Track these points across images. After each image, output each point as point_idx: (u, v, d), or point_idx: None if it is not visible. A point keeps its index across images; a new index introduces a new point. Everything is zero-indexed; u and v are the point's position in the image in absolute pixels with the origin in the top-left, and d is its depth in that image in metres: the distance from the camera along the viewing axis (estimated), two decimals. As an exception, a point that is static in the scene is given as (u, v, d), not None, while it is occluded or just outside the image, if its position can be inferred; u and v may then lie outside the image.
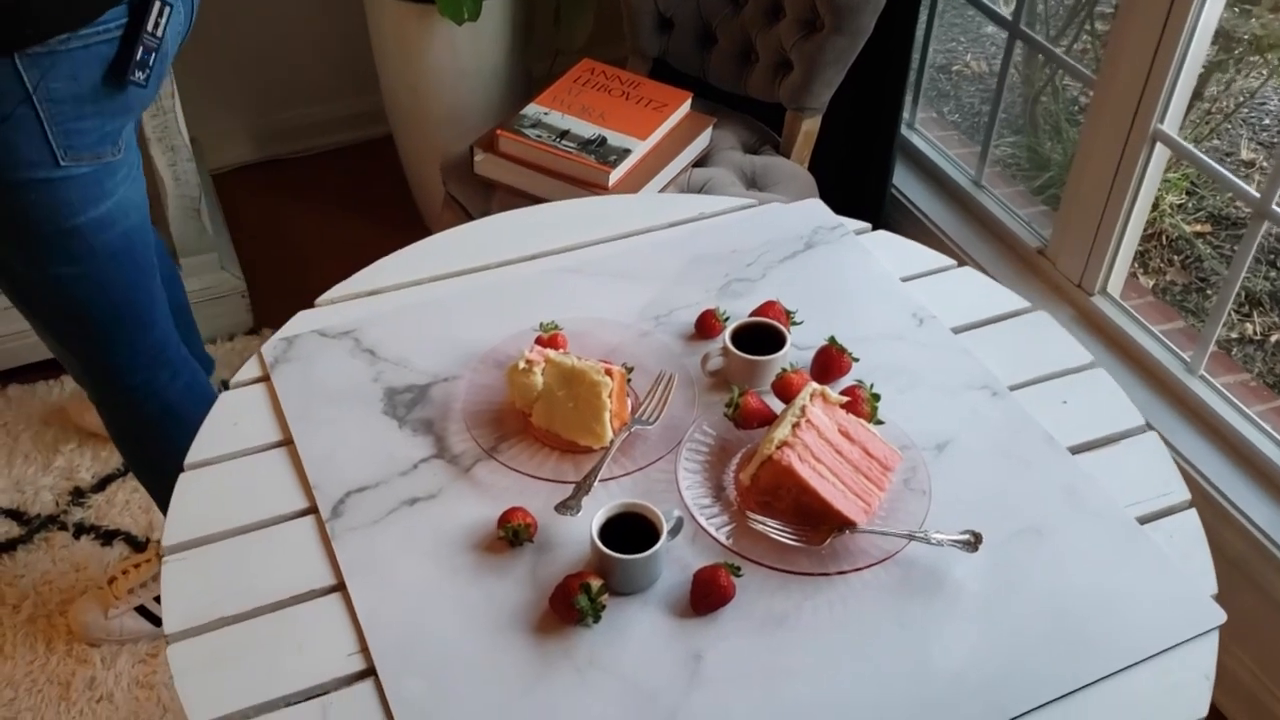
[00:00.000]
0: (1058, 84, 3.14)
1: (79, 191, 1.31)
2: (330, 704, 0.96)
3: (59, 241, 1.34)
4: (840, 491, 1.05)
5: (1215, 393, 1.84)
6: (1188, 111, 1.89)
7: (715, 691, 0.96)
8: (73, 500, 2.13)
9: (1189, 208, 3.11)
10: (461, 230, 1.42)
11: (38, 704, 1.83)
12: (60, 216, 1.32)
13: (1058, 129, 3.12)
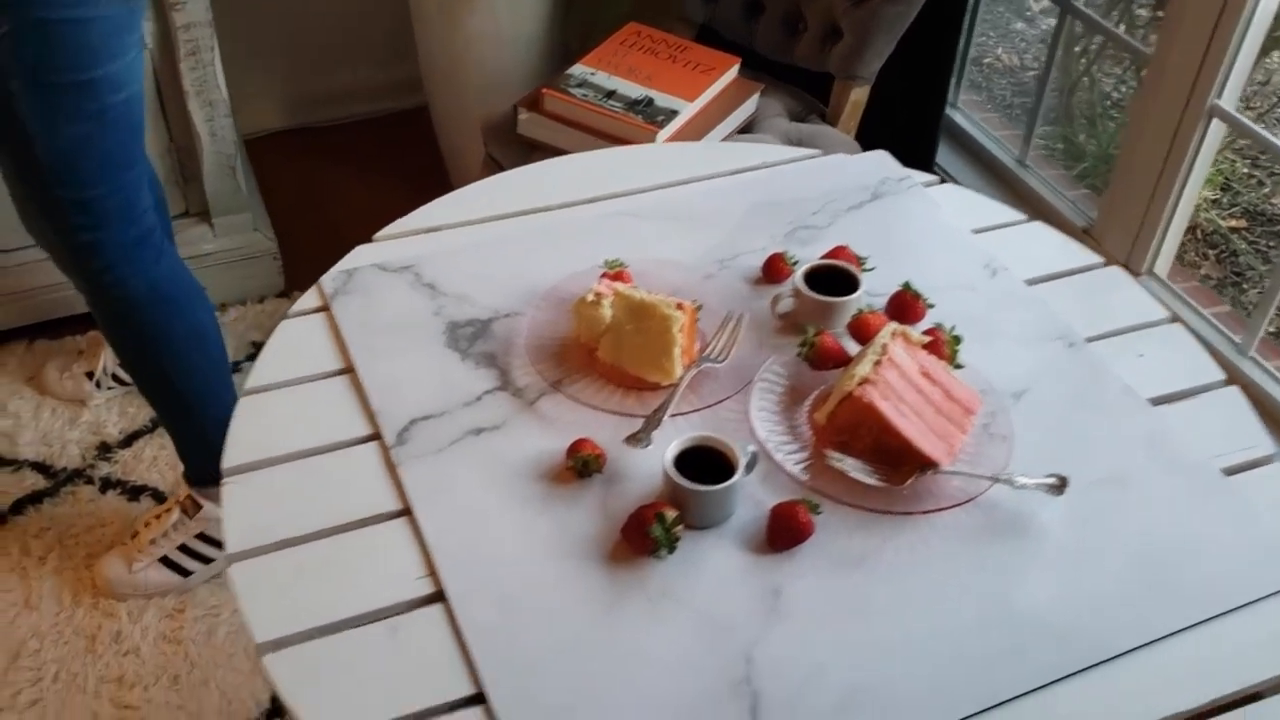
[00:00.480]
0: (1094, 75, 3.12)
1: (104, 37, 1.32)
2: (398, 626, 0.93)
3: (75, 94, 1.34)
4: (923, 431, 1.02)
5: (1267, 374, 1.81)
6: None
7: (795, 626, 0.94)
8: (99, 455, 2.10)
9: (1224, 203, 3.08)
10: (517, 172, 1.40)
11: (64, 655, 1.80)
12: (83, 64, 1.32)
13: (1093, 120, 3.09)
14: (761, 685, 0.89)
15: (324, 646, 0.91)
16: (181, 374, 1.70)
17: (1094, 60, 3.06)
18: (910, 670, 0.91)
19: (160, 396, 1.75)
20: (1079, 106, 3.14)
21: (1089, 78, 3.09)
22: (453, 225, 1.31)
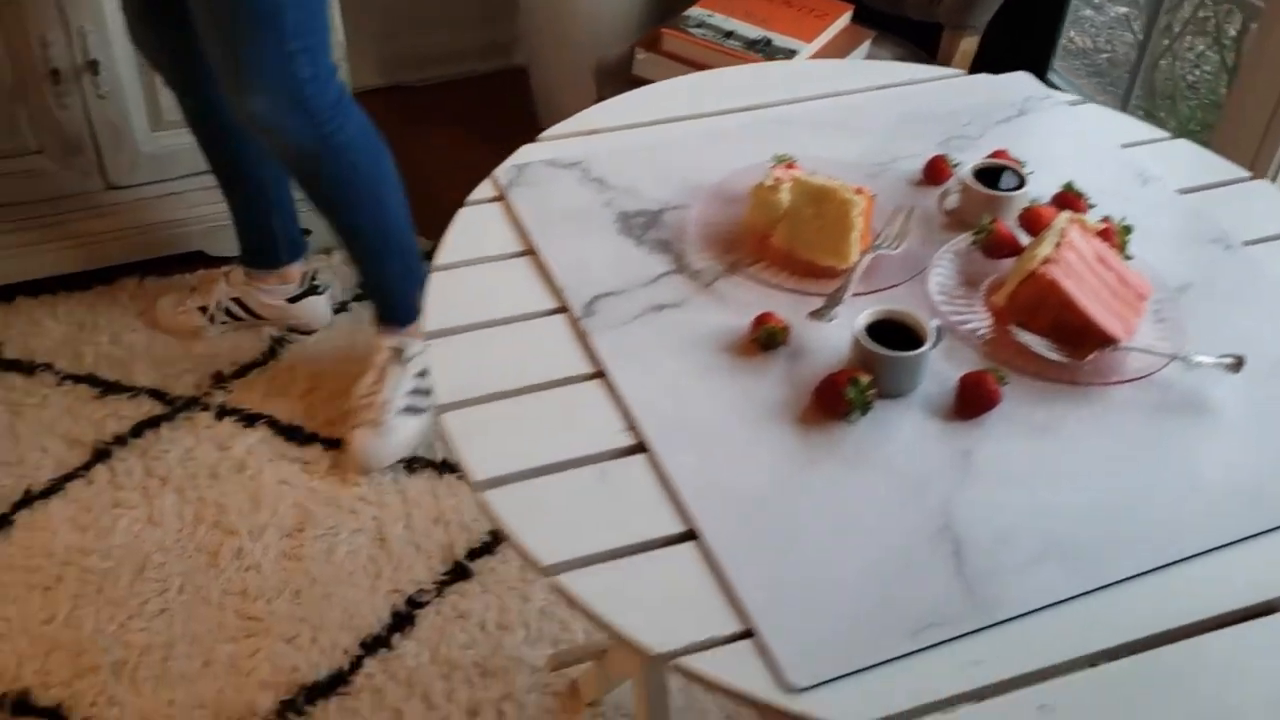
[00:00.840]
0: (1176, 52, 3.13)
1: None
2: (607, 471, 0.97)
3: None
4: (1102, 309, 1.05)
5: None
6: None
7: (987, 485, 0.97)
8: (214, 384, 2.15)
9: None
10: (669, 83, 1.44)
11: (188, 569, 1.86)
12: None
13: (1173, 98, 3.11)
14: (961, 533, 0.93)
15: (537, 486, 0.95)
16: (391, 212, 1.88)
17: (1176, 38, 3.07)
18: (1101, 527, 0.94)
19: (372, 239, 1.90)
20: (1161, 81, 3.16)
21: (1171, 51, 3.10)
22: (613, 128, 1.35)
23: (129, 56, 2.09)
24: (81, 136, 2.15)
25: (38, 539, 1.88)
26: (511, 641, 1.78)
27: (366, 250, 1.94)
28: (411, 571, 1.88)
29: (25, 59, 2.03)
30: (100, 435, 2.04)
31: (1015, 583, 0.89)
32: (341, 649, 1.76)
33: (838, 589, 0.88)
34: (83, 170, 2.19)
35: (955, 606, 0.87)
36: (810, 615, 0.86)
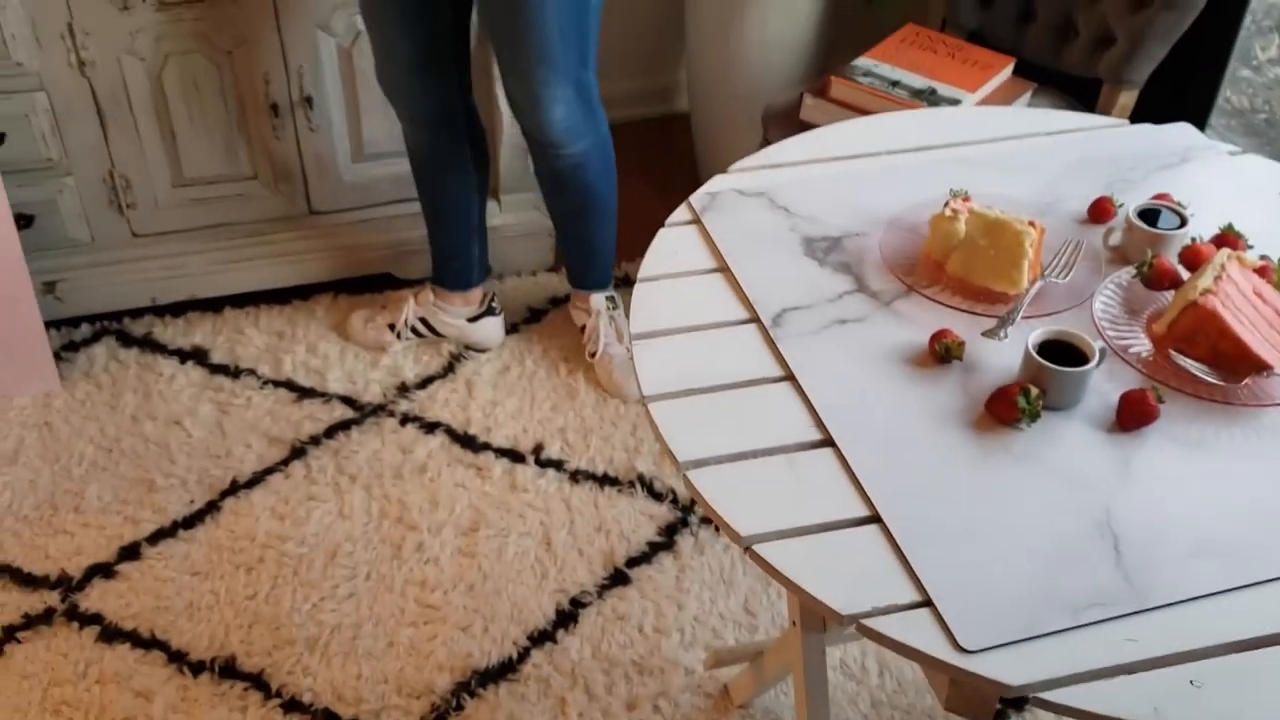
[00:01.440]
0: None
1: None
2: (796, 460, 1.09)
3: None
4: (1258, 338, 1.14)
5: None
6: None
7: (1147, 490, 1.06)
8: (399, 393, 2.34)
9: None
10: (846, 124, 1.57)
11: (374, 559, 2.03)
12: None
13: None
14: (1120, 529, 1.02)
15: (734, 470, 1.08)
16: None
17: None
18: (1254, 532, 1.03)
19: (611, 214, 2.29)
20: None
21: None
22: (796, 163, 1.49)
23: (339, 93, 2.31)
24: (292, 165, 2.37)
25: (242, 524, 2.08)
26: (668, 644, 1.90)
27: (604, 225, 2.26)
28: (574, 574, 2.02)
29: (250, 94, 2.26)
30: (298, 435, 2.24)
31: (1170, 574, 0.98)
32: (510, 640, 1.91)
33: (1006, 570, 0.99)
34: (290, 195, 2.42)
35: (1113, 591, 0.97)
36: (981, 590, 0.97)
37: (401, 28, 1.99)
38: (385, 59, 2.07)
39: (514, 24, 1.90)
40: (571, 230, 2.31)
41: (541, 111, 2.01)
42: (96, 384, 2.32)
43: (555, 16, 1.88)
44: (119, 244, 2.37)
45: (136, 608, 1.94)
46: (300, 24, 2.20)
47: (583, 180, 2.18)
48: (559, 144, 2.08)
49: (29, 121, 2.17)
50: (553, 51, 1.92)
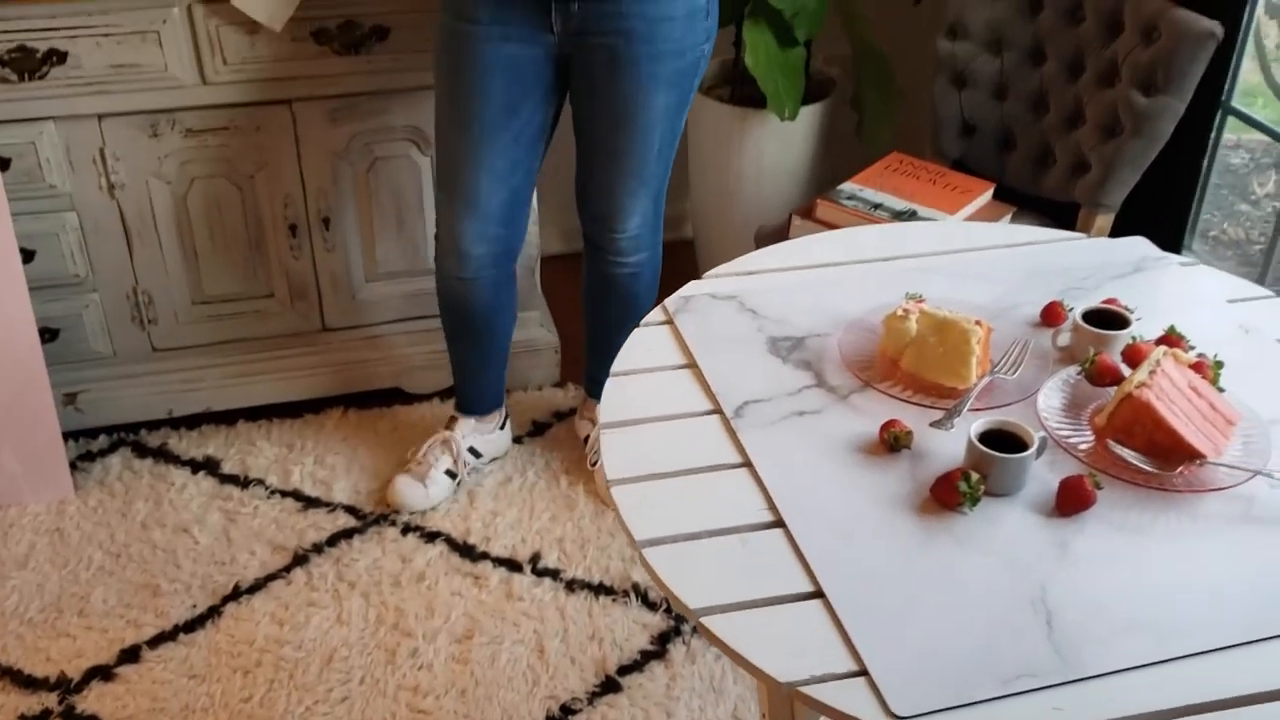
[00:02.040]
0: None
1: None
2: (747, 540, 1.15)
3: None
4: (1191, 429, 1.19)
5: None
6: None
7: (1081, 571, 1.11)
8: (401, 505, 2.40)
9: None
10: (821, 236, 1.66)
11: (368, 664, 2.06)
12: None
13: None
14: (1054, 606, 1.07)
15: (688, 548, 1.14)
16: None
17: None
18: (1182, 610, 1.07)
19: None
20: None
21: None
22: (767, 270, 1.58)
23: (354, 214, 2.44)
24: (308, 283, 2.49)
25: (242, 628, 2.13)
26: (655, 751, 1.92)
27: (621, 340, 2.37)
28: (566, 681, 2.04)
29: (270, 215, 2.40)
30: (301, 543, 2.30)
31: (1100, 648, 1.02)
32: (500, 744, 1.93)
33: (941, 642, 1.03)
34: (304, 313, 2.53)
35: (1043, 663, 1.01)
36: (916, 661, 1.01)
37: (494, 173, 2.04)
38: (466, 211, 2.10)
39: (620, 138, 2.03)
40: (604, 340, 2.36)
41: (620, 220, 2.14)
42: (110, 492, 2.40)
43: (658, 135, 2.03)
44: (139, 358, 2.48)
45: (133, 709, 1.97)
46: (319, 151, 2.34)
47: (632, 290, 2.28)
48: (624, 252, 2.21)
49: (58, 240, 2.30)
50: (648, 166, 2.07)
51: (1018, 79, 2.37)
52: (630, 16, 1.88)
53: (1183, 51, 2.09)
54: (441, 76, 2.02)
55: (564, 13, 1.88)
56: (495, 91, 1.95)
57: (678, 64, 1.98)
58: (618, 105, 1.98)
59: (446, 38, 1.97)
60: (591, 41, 1.92)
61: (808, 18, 2.49)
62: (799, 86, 2.54)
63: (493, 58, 1.92)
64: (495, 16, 1.89)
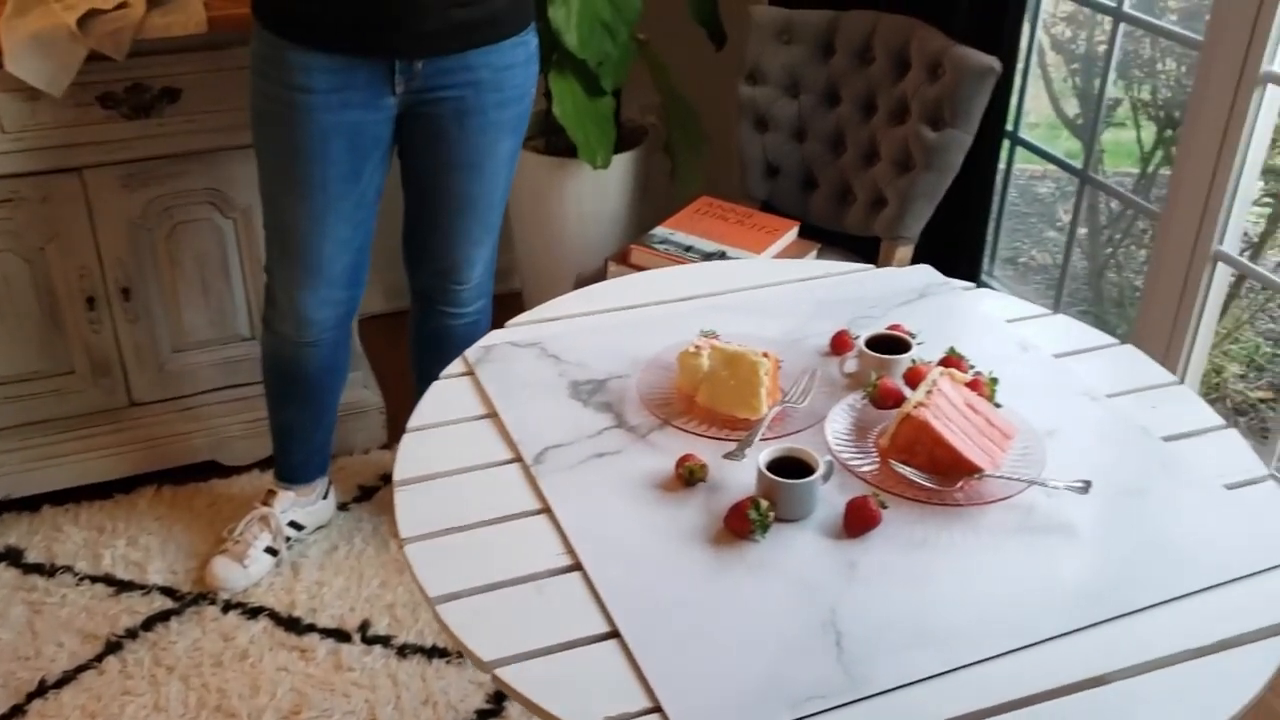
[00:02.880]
0: (1120, 260, 3.42)
1: None
2: (544, 586, 1.14)
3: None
4: (968, 445, 1.24)
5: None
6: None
7: (869, 589, 1.13)
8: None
9: (1250, 377, 3.31)
10: (619, 280, 1.68)
11: (188, 751, 1.97)
12: None
13: (1122, 304, 3.37)
14: (844, 626, 1.09)
15: (484, 599, 1.12)
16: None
17: (1119, 244, 3.36)
18: (966, 620, 1.10)
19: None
20: (1107, 288, 3.43)
21: (1115, 261, 3.38)
22: (570, 315, 1.58)
23: (157, 282, 2.35)
24: (110, 358, 2.39)
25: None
26: (493, 811, 1.88)
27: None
28: (399, 748, 1.99)
29: (64, 288, 2.29)
30: (114, 629, 2.19)
31: (887, 664, 1.04)
32: (330, 821, 1.86)
33: (733, 671, 1.04)
34: (108, 389, 2.42)
35: (833, 683, 1.02)
36: (708, 692, 1.01)
37: (338, 239, 1.98)
38: (309, 279, 2.02)
39: (470, 187, 2.01)
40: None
41: (464, 271, 2.13)
42: (-100, 591, 2.25)
43: (503, 181, 2.04)
44: (-72, 446, 2.33)
45: (-72, 822, 1.84)
46: (114, 219, 2.26)
47: (471, 340, 2.16)
48: (464, 303, 2.19)
49: None
50: (494, 213, 2.08)
51: (815, 120, 2.46)
52: (478, 68, 1.88)
53: (966, 86, 2.20)
54: (270, 146, 1.92)
55: (407, 74, 1.85)
56: (337, 160, 1.88)
57: (519, 109, 1.98)
58: (467, 155, 1.97)
59: (273, 106, 1.87)
60: (436, 96, 1.89)
61: (612, 67, 2.53)
62: (610, 135, 2.58)
63: (332, 127, 1.85)
64: (333, 84, 1.82)
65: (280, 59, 1.82)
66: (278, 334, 2.14)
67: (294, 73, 1.82)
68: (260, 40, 1.87)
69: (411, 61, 1.83)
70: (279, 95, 1.85)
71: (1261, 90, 1.91)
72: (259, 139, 1.95)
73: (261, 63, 1.88)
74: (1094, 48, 3.37)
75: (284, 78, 1.83)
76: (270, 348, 2.18)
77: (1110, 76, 2.38)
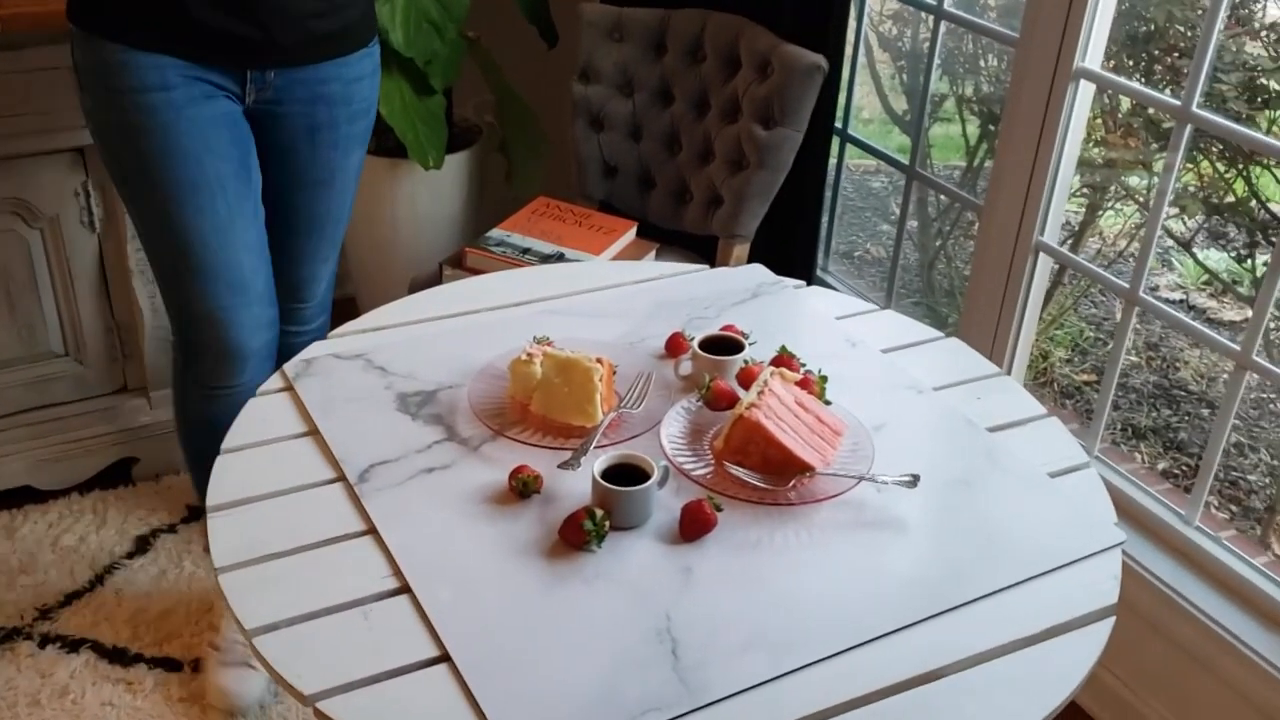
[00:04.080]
0: (949, 252, 3.53)
1: None
2: (370, 611, 1.09)
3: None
4: (800, 443, 1.24)
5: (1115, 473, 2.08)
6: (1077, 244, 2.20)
7: (704, 593, 1.12)
8: (39, 615, 2.18)
9: (1075, 361, 3.46)
10: (451, 285, 1.63)
11: (3, 797, 1.84)
12: None
13: (952, 294, 3.48)
14: (679, 634, 1.07)
15: (305, 629, 1.06)
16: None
17: (948, 236, 3.46)
18: (800, 620, 1.10)
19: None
20: (938, 279, 3.53)
21: (945, 253, 3.48)
22: (397, 325, 1.53)
23: (-43, 302, 2.20)
24: (-92, 380, 2.22)
25: None
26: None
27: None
28: (239, 778, 1.90)
29: None
30: (-83, 675, 2.04)
31: (723, 670, 1.03)
32: None
33: (569, 689, 1.01)
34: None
35: (669, 694, 1.01)
36: (543, 713, 0.98)
37: (252, 247, 1.78)
38: (235, 299, 1.78)
39: (321, 204, 1.92)
40: None
41: (310, 288, 2.03)
42: None
43: (350, 198, 1.97)
44: None
45: None
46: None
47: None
48: (307, 320, 2.08)
49: None
50: (340, 228, 2.00)
51: (650, 119, 2.45)
52: (329, 81, 1.80)
53: (794, 85, 2.21)
54: (140, 162, 1.68)
55: (259, 82, 1.74)
56: (226, 154, 1.70)
57: (366, 121, 1.91)
58: (317, 171, 1.87)
59: (129, 116, 1.65)
60: (285, 110, 1.79)
61: (441, 66, 2.47)
62: (441, 135, 2.52)
63: (209, 119, 1.68)
64: (189, 77, 1.66)
65: (121, 63, 1.63)
66: (201, 384, 1.88)
67: (144, 72, 1.63)
68: (87, 49, 1.66)
69: (265, 70, 1.73)
70: (133, 102, 1.64)
71: (1075, 85, 1.98)
72: (121, 158, 1.71)
73: (99, 73, 1.66)
74: (919, 45, 3.46)
75: (132, 81, 1.63)
76: (189, 405, 1.94)
77: (935, 73, 2.44)
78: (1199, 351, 3.32)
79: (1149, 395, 3.24)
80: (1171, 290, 3.53)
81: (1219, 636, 1.82)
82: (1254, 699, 1.78)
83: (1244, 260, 3.21)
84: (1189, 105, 1.82)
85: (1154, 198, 1.96)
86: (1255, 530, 2.79)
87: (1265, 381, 2.93)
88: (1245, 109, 2.78)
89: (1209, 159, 2.93)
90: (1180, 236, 3.36)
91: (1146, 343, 3.41)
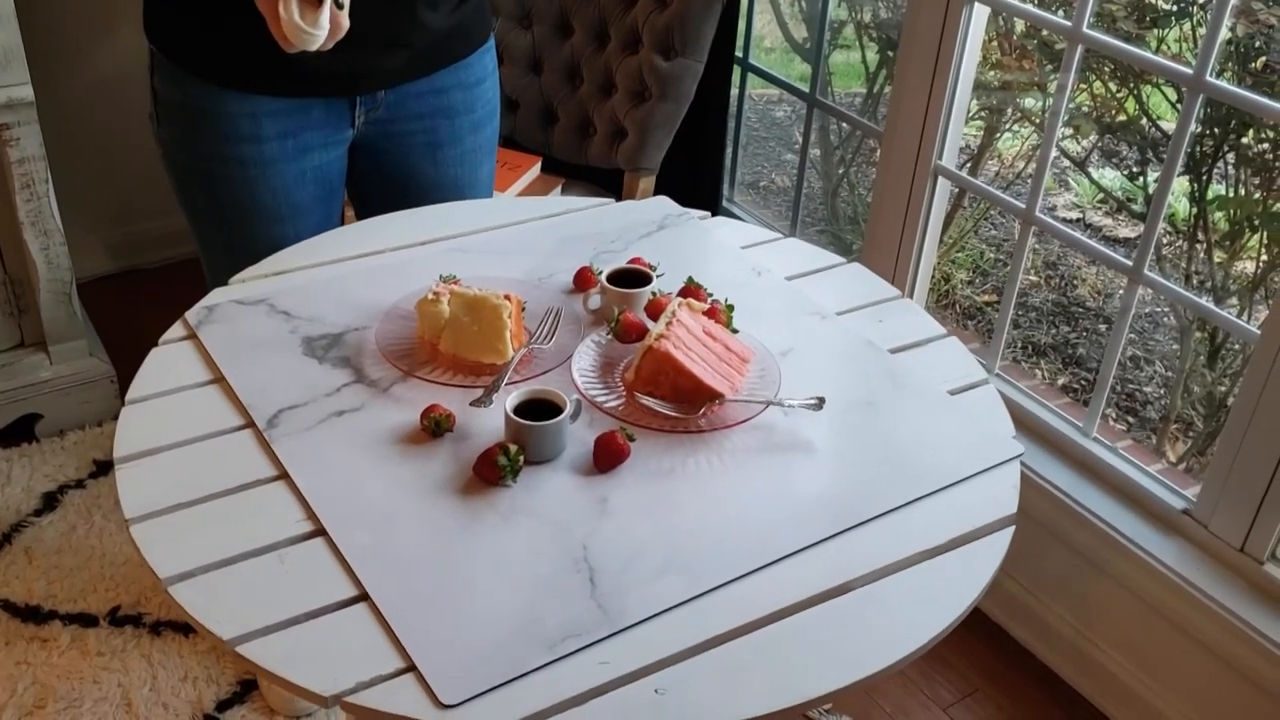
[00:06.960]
0: (852, 179, 3.57)
1: None
2: (286, 555, 1.09)
3: None
4: (708, 372, 1.26)
5: (1016, 390, 2.15)
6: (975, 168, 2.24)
7: (620, 522, 1.14)
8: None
9: (976, 283, 3.54)
10: (354, 226, 1.61)
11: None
12: None
13: (856, 220, 3.52)
14: (596, 562, 1.09)
15: (222, 575, 1.06)
16: None
17: (850, 164, 3.50)
18: (713, 543, 1.13)
19: None
20: (842, 207, 3.58)
21: (849, 180, 3.52)
22: (301, 268, 1.51)
23: None
24: None
25: None
26: (266, 783, 1.82)
27: None
28: (161, 730, 1.89)
29: None
30: None
31: (640, 594, 1.06)
32: (89, 816, 1.75)
33: (488, 621, 1.02)
34: None
35: (588, 620, 1.03)
36: (462, 646, 1.00)
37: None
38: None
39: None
40: None
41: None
42: None
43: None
44: None
45: None
46: None
47: None
48: None
49: None
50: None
51: (550, 52, 2.42)
52: (448, 90, 1.61)
53: (693, 13, 2.21)
54: (218, 213, 1.60)
55: (369, 104, 1.58)
56: (310, 211, 1.60)
57: (492, 126, 1.72)
58: (445, 193, 1.70)
59: (213, 166, 1.55)
60: (401, 129, 1.62)
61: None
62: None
63: (295, 177, 1.56)
64: (285, 128, 1.53)
65: (210, 110, 1.50)
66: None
67: (235, 121, 1.50)
68: (170, 82, 1.52)
69: (375, 92, 1.58)
70: (219, 153, 1.52)
71: (970, 8, 2.01)
72: (197, 205, 1.62)
73: (180, 109, 1.53)
74: (818, -28, 3.45)
75: (221, 129, 1.51)
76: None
77: (833, 0, 2.45)
78: (1096, 269, 3.42)
79: (1048, 313, 3.34)
80: (1068, 210, 3.62)
81: (1115, 540, 1.90)
82: (1148, 599, 1.87)
83: (1136, 178, 3.30)
84: (1080, 26, 1.86)
85: (1048, 119, 2.01)
86: (1151, 440, 2.91)
87: (1159, 296, 3.04)
88: (1134, 28, 2.84)
89: (1101, 79, 3.00)
90: (1075, 156, 3.44)
91: (1045, 262, 3.50)
